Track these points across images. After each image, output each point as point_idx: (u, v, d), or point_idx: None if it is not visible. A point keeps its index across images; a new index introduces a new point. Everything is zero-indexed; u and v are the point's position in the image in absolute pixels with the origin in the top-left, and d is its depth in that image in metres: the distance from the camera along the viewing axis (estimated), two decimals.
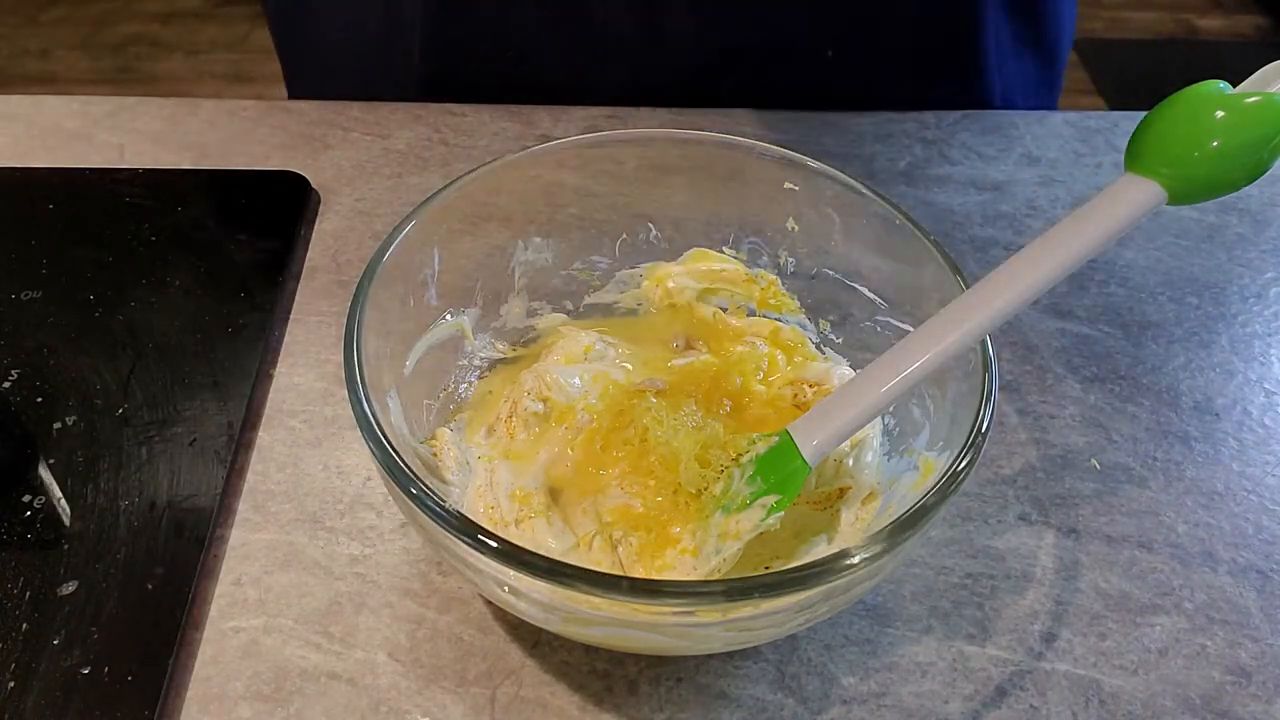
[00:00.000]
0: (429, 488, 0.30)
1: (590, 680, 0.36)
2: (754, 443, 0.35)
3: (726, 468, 0.35)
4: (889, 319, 0.40)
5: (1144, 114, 0.32)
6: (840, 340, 0.43)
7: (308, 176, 0.54)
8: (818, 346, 0.43)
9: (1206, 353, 0.48)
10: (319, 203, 0.54)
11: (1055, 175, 0.56)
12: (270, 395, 0.44)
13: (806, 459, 0.33)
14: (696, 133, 0.42)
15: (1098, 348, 0.48)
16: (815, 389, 0.40)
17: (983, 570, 0.39)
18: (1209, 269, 0.52)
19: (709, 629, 0.31)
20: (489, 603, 0.37)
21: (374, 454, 0.31)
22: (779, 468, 0.34)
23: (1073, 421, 0.44)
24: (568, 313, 0.45)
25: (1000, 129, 0.59)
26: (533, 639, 0.36)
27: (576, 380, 0.40)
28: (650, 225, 0.44)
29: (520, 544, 0.29)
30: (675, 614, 0.30)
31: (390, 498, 0.40)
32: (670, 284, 0.44)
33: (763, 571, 0.35)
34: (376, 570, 0.38)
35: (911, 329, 0.36)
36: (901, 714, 0.35)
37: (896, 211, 0.38)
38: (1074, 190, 0.56)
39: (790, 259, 0.43)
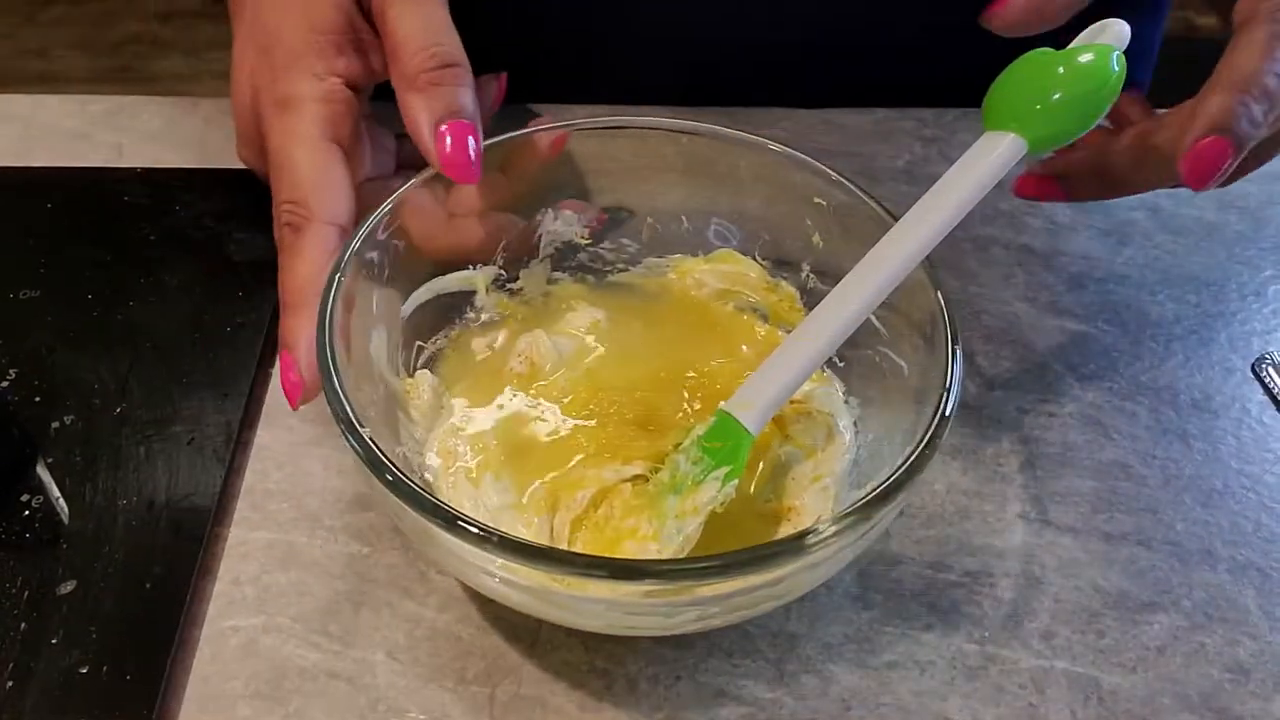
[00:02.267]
0: (353, 412, 0.31)
1: (590, 678, 0.36)
2: (691, 428, 0.36)
3: (668, 454, 0.36)
4: (887, 351, 0.39)
5: None
6: (841, 364, 0.42)
7: None
8: (820, 368, 0.42)
9: (1205, 350, 0.47)
10: None
11: None
12: (269, 394, 0.44)
13: (749, 429, 0.35)
14: (745, 135, 0.41)
15: (1096, 345, 0.48)
16: (795, 405, 0.40)
17: (981, 568, 0.39)
18: (1208, 267, 0.52)
19: (673, 608, 0.31)
20: (488, 602, 0.37)
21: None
22: (723, 442, 0.35)
23: (1071, 419, 0.44)
24: (587, 286, 0.45)
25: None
26: (531, 638, 0.36)
27: (567, 352, 0.41)
28: (683, 219, 0.44)
29: (460, 491, 0.31)
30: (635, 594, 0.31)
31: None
32: (690, 279, 0.44)
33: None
34: (375, 569, 0.38)
35: (903, 364, 0.37)
36: (900, 712, 0.35)
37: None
38: None
39: (812, 275, 0.43)
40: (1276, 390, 0.46)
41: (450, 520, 0.29)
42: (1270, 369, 0.46)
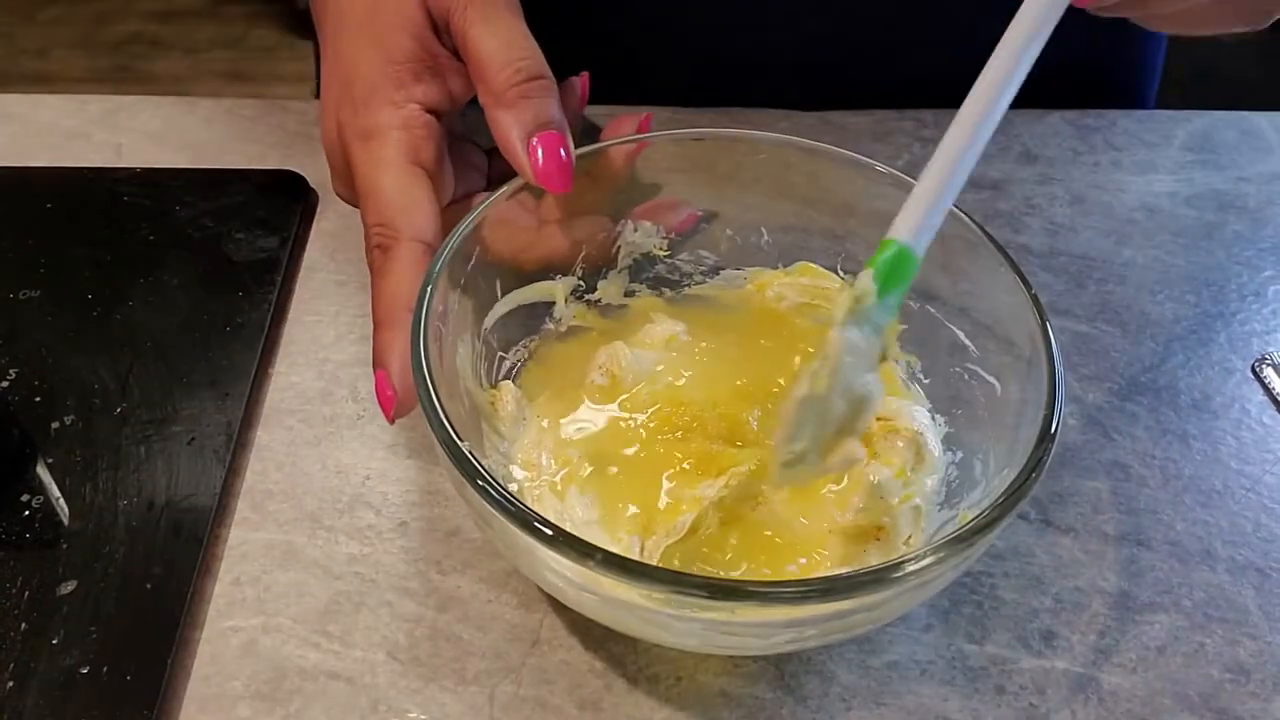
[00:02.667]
0: (453, 428, 0.31)
1: (589, 679, 0.36)
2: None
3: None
4: (976, 368, 0.38)
5: (1139, 112, 0.32)
6: (928, 381, 0.41)
7: (306, 175, 0.54)
8: (904, 383, 0.42)
9: (1205, 351, 0.48)
10: (317, 202, 0.53)
11: (1053, 173, 0.56)
12: (269, 394, 0.44)
13: (909, 246, 0.32)
14: (821, 145, 0.41)
15: (1096, 346, 0.48)
16: (882, 423, 0.39)
17: (981, 569, 0.39)
18: (1207, 267, 0.52)
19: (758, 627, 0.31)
20: (488, 602, 0.37)
21: (421, 397, 0.32)
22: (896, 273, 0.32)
23: (1071, 420, 0.44)
24: (665, 299, 0.45)
25: (998, 127, 0.59)
26: (531, 638, 0.36)
27: (647, 365, 0.40)
28: (763, 230, 0.44)
29: (545, 504, 0.31)
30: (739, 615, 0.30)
31: (390, 495, 0.41)
32: (770, 292, 0.44)
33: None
34: (375, 569, 0.38)
35: (995, 382, 0.36)
36: (901, 712, 0.35)
37: (1013, 272, 0.37)
38: (1071, 188, 0.56)
39: None
40: (1276, 391, 0.46)
41: (554, 538, 0.29)
42: (1270, 369, 0.46)
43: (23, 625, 0.35)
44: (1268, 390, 0.46)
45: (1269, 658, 0.37)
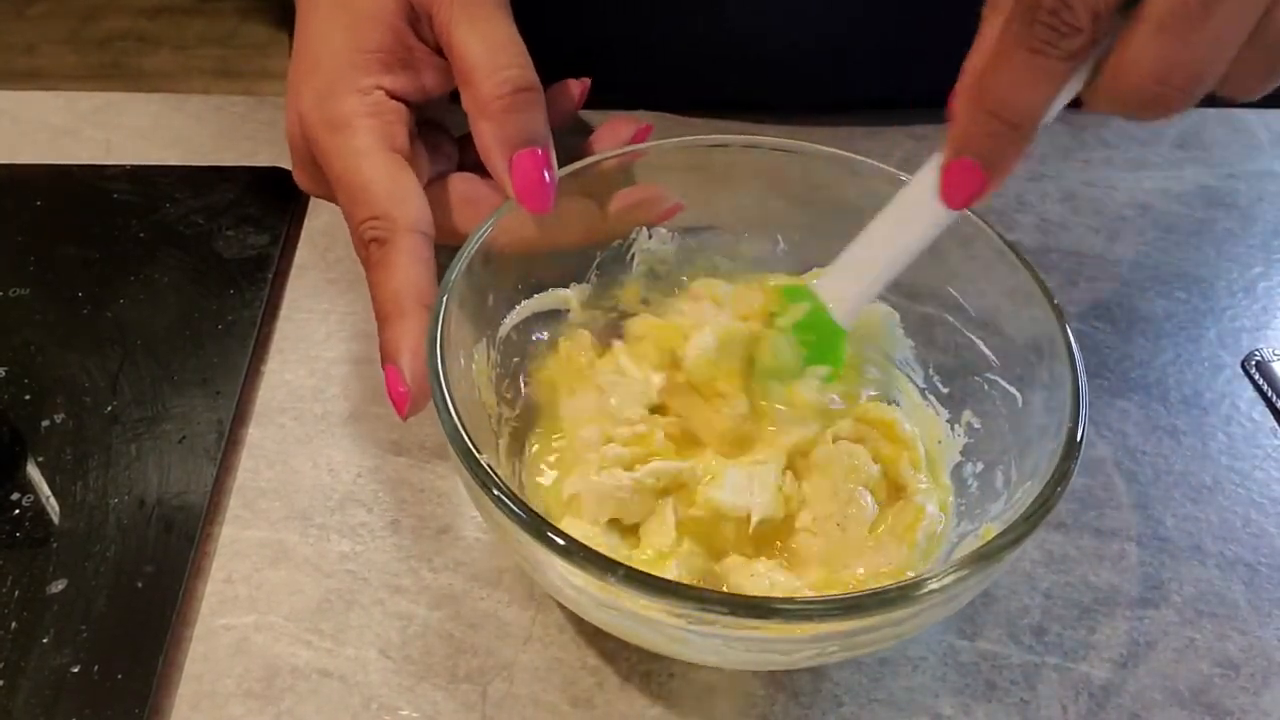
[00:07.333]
0: (470, 440, 0.31)
1: (582, 676, 0.36)
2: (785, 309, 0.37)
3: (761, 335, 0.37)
4: (997, 378, 0.38)
5: None
6: (947, 391, 0.41)
7: None
8: (922, 393, 0.41)
9: (1195, 347, 0.48)
10: (308, 199, 0.53)
11: (1044, 170, 0.57)
12: (260, 392, 0.44)
13: (842, 324, 0.35)
14: (864, 160, 0.41)
15: (1087, 342, 0.48)
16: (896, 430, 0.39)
17: None
18: (1197, 263, 0.52)
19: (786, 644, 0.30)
20: (480, 599, 0.37)
21: (438, 410, 0.32)
22: (816, 335, 0.36)
23: None
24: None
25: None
26: (524, 635, 0.36)
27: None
28: (779, 237, 0.44)
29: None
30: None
31: (381, 493, 0.41)
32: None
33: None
34: (367, 567, 0.38)
35: (1016, 393, 0.36)
36: (892, 708, 0.35)
37: (1034, 280, 0.37)
38: (1063, 185, 0.56)
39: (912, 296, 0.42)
40: (1266, 387, 0.46)
41: (571, 551, 0.28)
42: (1259, 366, 0.47)
43: (13, 624, 0.35)
44: (1257, 386, 0.46)
45: (1258, 652, 0.37)
